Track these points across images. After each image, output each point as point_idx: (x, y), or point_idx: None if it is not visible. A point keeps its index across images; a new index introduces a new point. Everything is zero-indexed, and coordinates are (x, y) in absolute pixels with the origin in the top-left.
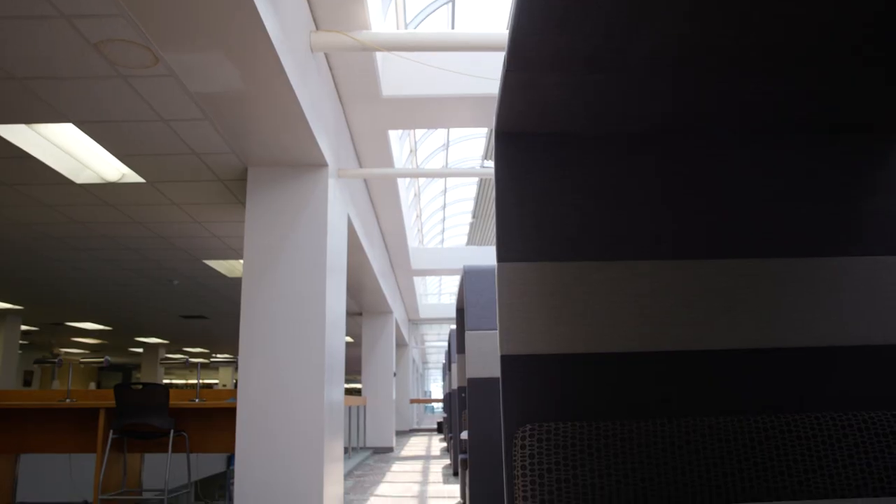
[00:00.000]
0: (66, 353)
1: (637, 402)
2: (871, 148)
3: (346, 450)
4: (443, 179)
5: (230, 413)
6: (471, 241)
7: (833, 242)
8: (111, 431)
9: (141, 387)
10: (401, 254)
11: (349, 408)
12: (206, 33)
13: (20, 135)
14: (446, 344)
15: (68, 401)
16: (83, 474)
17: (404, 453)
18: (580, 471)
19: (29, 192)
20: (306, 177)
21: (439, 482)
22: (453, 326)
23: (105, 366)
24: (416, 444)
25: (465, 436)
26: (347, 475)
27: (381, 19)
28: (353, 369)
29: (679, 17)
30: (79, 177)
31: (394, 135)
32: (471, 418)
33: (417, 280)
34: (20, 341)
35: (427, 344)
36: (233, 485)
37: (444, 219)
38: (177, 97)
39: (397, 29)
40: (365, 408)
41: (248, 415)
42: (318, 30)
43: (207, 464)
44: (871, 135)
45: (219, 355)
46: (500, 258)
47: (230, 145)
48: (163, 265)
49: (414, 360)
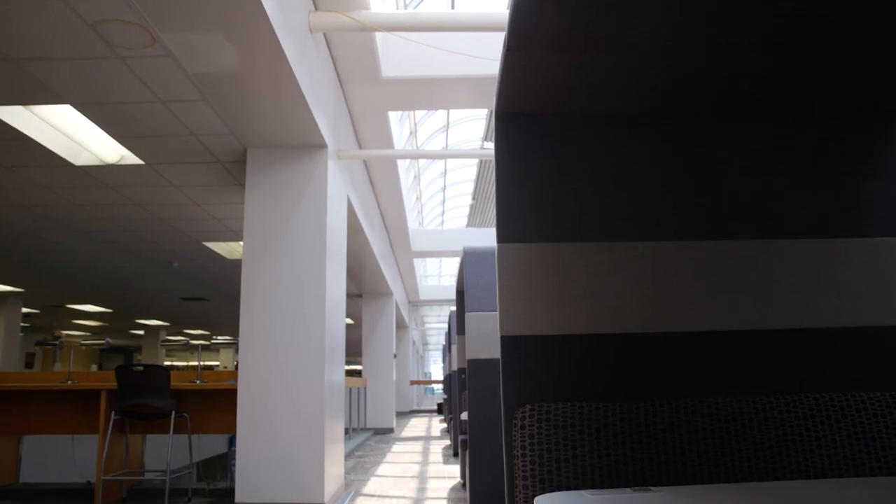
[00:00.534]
0: (67, 335)
1: (637, 383)
2: (872, 128)
3: (346, 431)
4: (443, 161)
5: (231, 395)
6: (471, 223)
7: (833, 224)
8: (113, 413)
9: (142, 368)
10: (401, 236)
11: (350, 389)
12: (204, 13)
13: (18, 117)
14: (446, 325)
15: (70, 382)
16: (86, 455)
17: (405, 434)
18: (579, 451)
19: (27, 174)
20: (306, 158)
21: (439, 462)
22: (453, 308)
23: (106, 348)
24: (416, 426)
25: (465, 417)
26: (348, 456)
27: None
28: (353, 351)
29: None
30: (77, 159)
31: (393, 116)
32: (471, 399)
33: (417, 262)
34: (21, 324)
35: (427, 326)
36: (234, 465)
37: (444, 201)
38: (175, 78)
39: (397, 9)
40: (365, 389)
41: (248, 396)
42: (317, 10)
43: (209, 445)
44: (873, 114)
45: (219, 337)
46: (500, 239)
47: (229, 127)
48: (163, 247)
49: (414, 342)
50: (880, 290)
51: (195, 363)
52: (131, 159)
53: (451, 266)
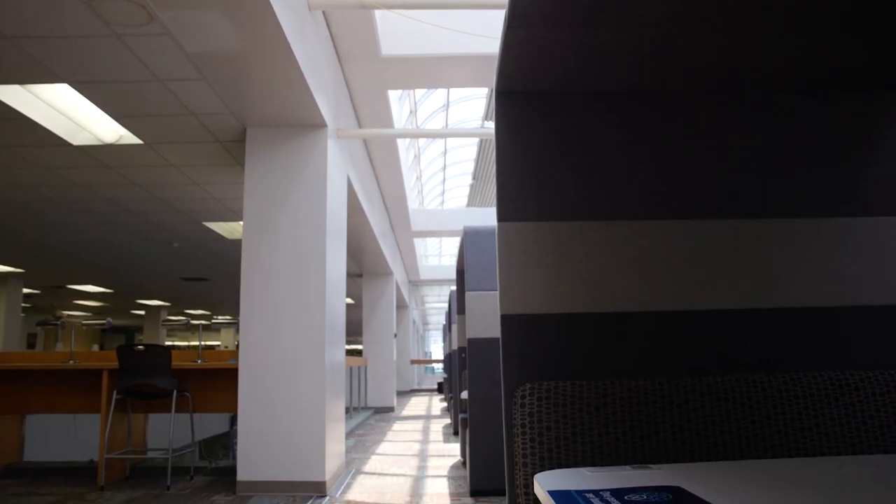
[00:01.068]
0: (69, 315)
1: (635, 361)
2: (874, 108)
3: (347, 410)
4: (443, 140)
5: (232, 374)
6: (471, 203)
7: (835, 203)
8: (115, 392)
9: (143, 348)
10: (401, 215)
11: (350, 368)
12: None
13: (15, 96)
14: (446, 305)
15: (72, 362)
16: (88, 434)
17: (405, 413)
18: (579, 429)
19: (26, 153)
20: (305, 137)
21: (440, 441)
22: (453, 287)
23: (107, 328)
24: (416, 405)
25: (465, 395)
26: (349, 434)
27: None
28: (353, 331)
29: None
30: (76, 138)
31: (393, 95)
32: (471, 378)
33: (417, 241)
34: (23, 304)
35: (427, 305)
36: (236, 444)
37: (444, 180)
38: (173, 56)
39: None
40: (366, 368)
41: (249, 376)
42: None
43: (211, 424)
44: (877, 94)
45: (220, 317)
46: (500, 218)
47: (228, 106)
48: (163, 227)
49: (414, 322)
50: (881, 270)
51: (196, 343)
52: (130, 139)
53: (452, 245)
